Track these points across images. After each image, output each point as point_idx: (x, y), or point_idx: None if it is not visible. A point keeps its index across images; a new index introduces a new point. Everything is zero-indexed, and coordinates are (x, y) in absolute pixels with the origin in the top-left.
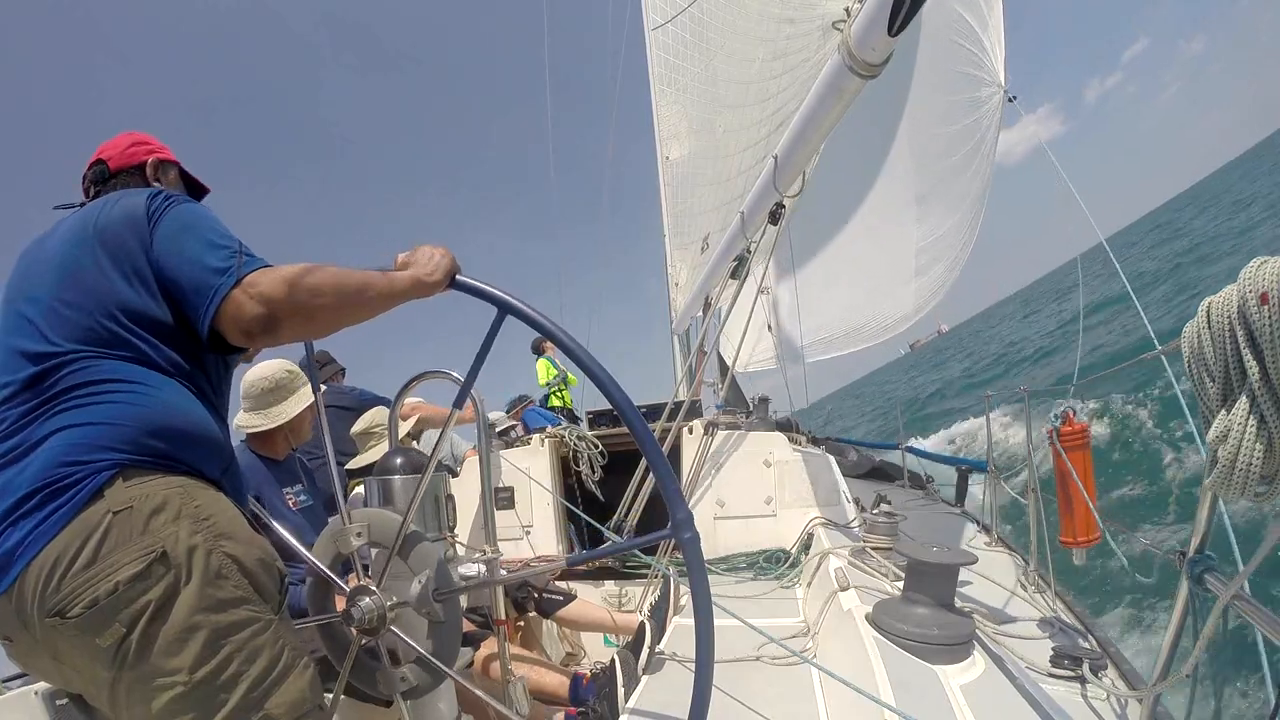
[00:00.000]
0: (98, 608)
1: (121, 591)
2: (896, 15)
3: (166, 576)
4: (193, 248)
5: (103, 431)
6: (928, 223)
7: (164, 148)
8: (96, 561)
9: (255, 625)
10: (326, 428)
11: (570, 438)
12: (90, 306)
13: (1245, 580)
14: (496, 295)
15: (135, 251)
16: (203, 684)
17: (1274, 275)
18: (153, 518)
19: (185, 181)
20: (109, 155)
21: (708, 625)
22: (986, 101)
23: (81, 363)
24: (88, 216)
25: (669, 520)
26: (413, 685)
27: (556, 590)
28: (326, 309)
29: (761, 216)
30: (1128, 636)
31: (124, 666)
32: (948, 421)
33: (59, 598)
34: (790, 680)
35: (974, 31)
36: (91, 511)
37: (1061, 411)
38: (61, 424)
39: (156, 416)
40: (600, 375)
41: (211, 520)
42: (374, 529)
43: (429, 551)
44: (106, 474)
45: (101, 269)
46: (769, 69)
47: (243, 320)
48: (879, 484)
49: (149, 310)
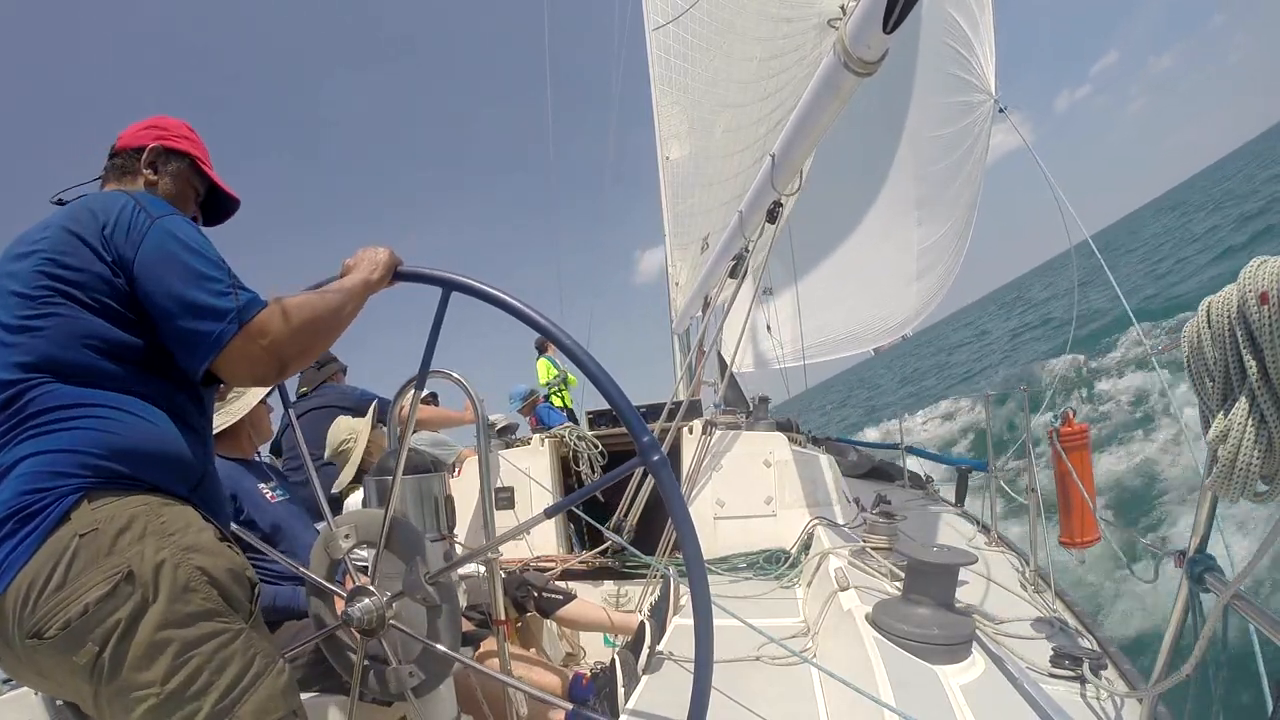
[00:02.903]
0: (70, 629)
1: (91, 613)
2: (891, 12)
3: (134, 595)
4: (181, 278)
5: (67, 457)
6: (927, 225)
7: (182, 137)
8: (67, 584)
9: (223, 636)
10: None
11: (570, 438)
12: (52, 334)
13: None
14: (438, 275)
15: (102, 280)
16: (175, 695)
17: (1274, 275)
18: (119, 537)
19: (196, 174)
20: (123, 134)
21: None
22: (978, 108)
23: (45, 387)
24: (57, 235)
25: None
26: (421, 679)
27: (556, 590)
28: (320, 342)
29: (759, 215)
30: (1128, 636)
31: (101, 681)
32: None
33: (35, 620)
34: (790, 680)
35: (965, 35)
36: (59, 535)
37: (1061, 411)
38: (27, 451)
39: (118, 440)
40: (567, 342)
41: (177, 535)
42: (362, 529)
43: (416, 538)
44: (71, 498)
45: (66, 299)
46: (767, 68)
47: (257, 370)
48: (879, 484)
49: (116, 338)
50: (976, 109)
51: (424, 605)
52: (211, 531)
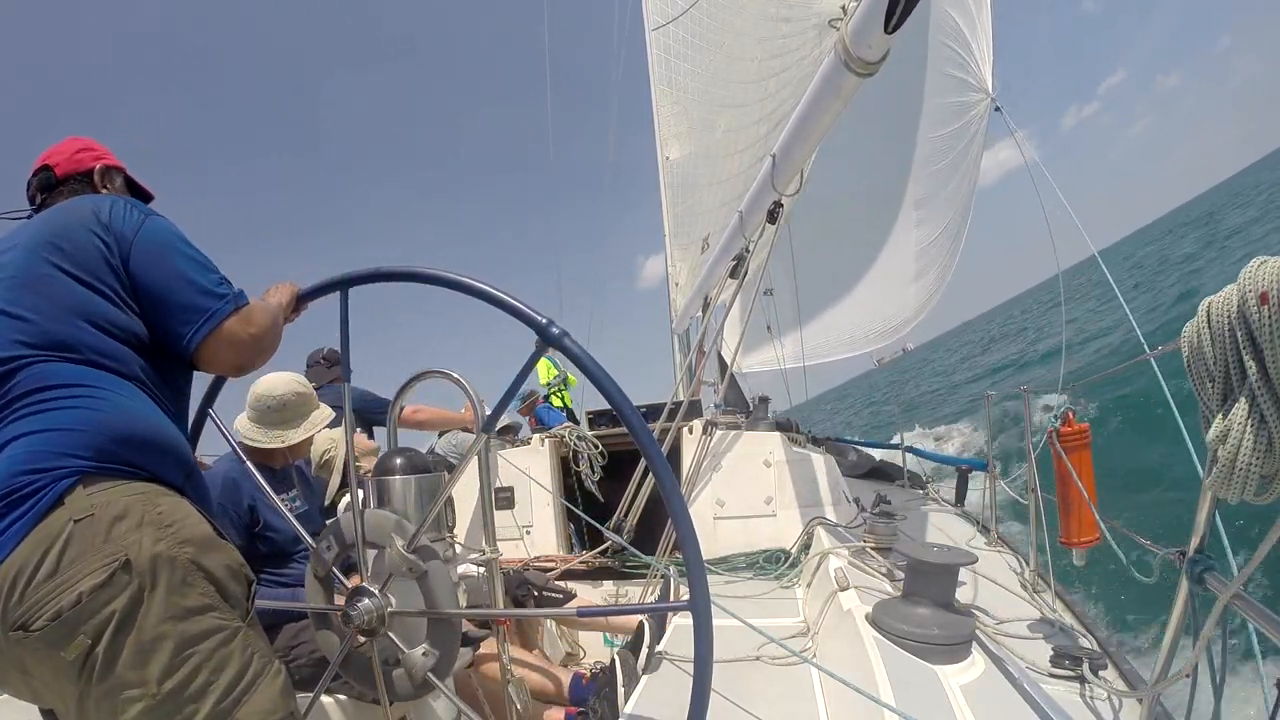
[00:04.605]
0: (61, 619)
1: (85, 602)
2: (892, 13)
3: (130, 585)
4: (181, 265)
5: (63, 438)
6: (925, 226)
7: (109, 153)
8: (59, 572)
9: (223, 633)
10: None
11: (570, 438)
12: (50, 311)
13: (1245, 580)
14: (333, 280)
15: (101, 259)
16: (171, 695)
17: (1274, 275)
18: (115, 525)
19: (130, 188)
20: (55, 161)
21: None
22: (974, 107)
23: (37, 367)
24: (48, 224)
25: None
26: (435, 656)
27: (556, 590)
28: (277, 344)
29: (760, 215)
30: (1128, 636)
31: (90, 680)
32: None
33: (22, 610)
34: (790, 680)
35: (963, 34)
36: (52, 520)
37: (1061, 412)
38: (19, 431)
39: (118, 423)
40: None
41: (175, 527)
42: (338, 535)
43: (385, 521)
44: (67, 481)
45: (64, 276)
46: (767, 68)
47: (240, 356)
48: (879, 484)
49: (113, 317)
50: (973, 108)
51: (411, 576)
52: (208, 525)
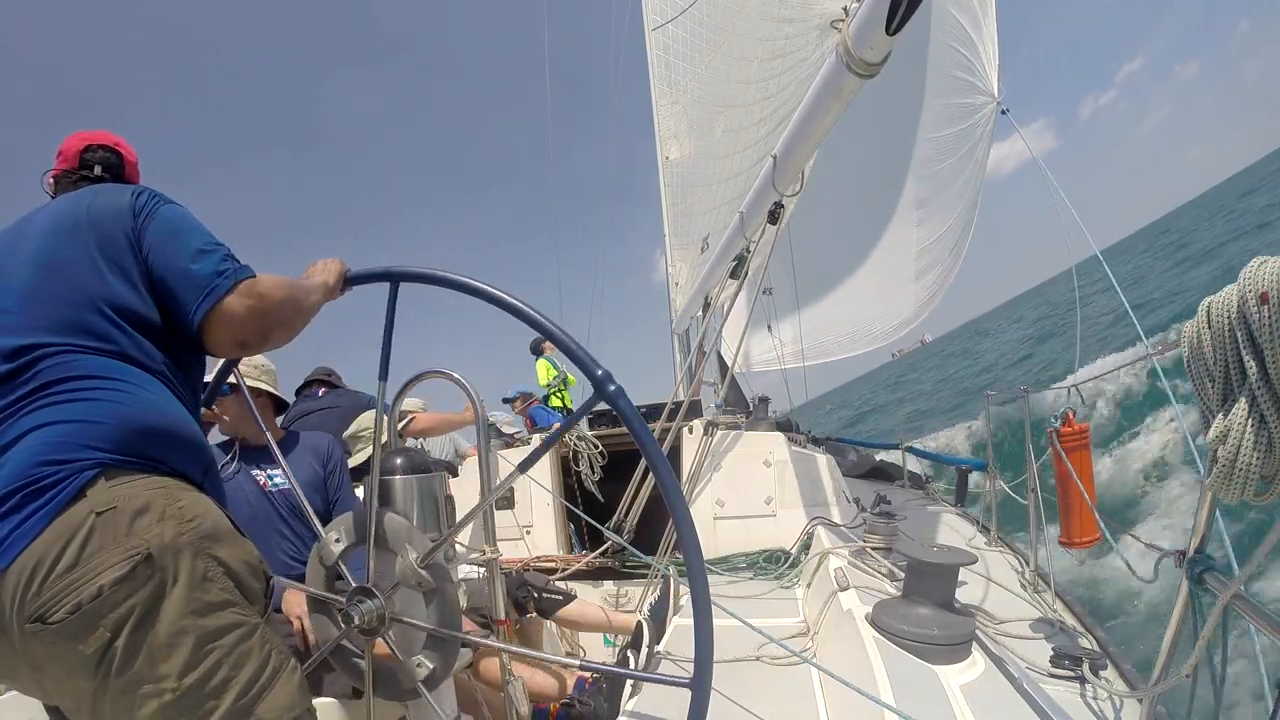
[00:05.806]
0: (81, 612)
1: (106, 595)
2: (894, 14)
3: (152, 579)
4: (187, 248)
5: (84, 429)
6: (927, 226)
7: (121, 141)
8: (79, 564)
9: (242, 629)
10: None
11: (570, 438)
12: (74, 299)
13: (1245, 580)
14: (384, 271)
15: (124, 246)
16: (192, 690)
17: (1274, 275)
18: (136, 519)
19: None
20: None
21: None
22: (980, 110)
23: (59, 357)
24: (74, 207)
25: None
26: (430, 670)
27: (556, 590)
28: (296, 321)
29: (760, 216)
30: (1128, 636)
31: (108, 675)
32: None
33: (40, 602)
34: (790, 680)
35: (969, 36)
36: (74, 512)
37: (1061, 412)
38: (40, 421)
39: (139, 415)
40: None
41: (196, 522)
42: (350, 529)
43: (399, 527)
44: (89, 473)
45: (90, 261)
46: (768, 68)
47: (242, 331)
48: (879, 484)
49: (134, 306)
50: (978, 110)
51: (420, 590)
52: (227, 521)
